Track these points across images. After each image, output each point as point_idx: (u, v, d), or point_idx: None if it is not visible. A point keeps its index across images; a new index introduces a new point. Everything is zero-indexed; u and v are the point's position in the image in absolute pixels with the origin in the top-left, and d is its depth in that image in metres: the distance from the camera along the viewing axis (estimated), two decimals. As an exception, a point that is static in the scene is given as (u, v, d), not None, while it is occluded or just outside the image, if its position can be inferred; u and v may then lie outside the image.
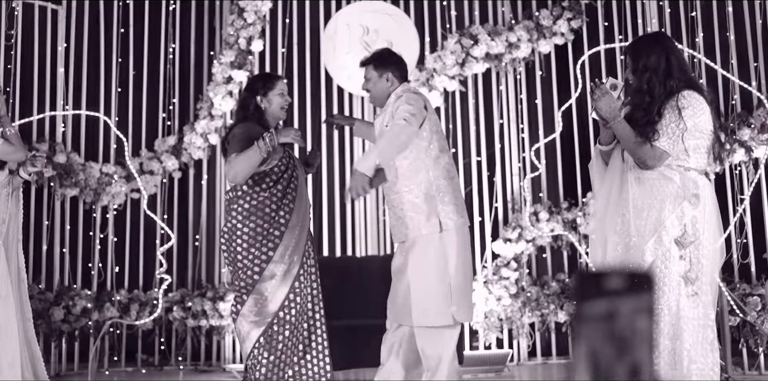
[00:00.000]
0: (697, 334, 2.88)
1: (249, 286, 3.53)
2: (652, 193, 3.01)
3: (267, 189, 3.59)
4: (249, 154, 3.46)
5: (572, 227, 6.24)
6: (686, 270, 2.92)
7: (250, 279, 3.53)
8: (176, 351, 6.04)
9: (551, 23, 6.44)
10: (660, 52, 3.09)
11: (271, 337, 3.50)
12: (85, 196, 5.97)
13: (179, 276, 6.16)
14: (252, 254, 3.54)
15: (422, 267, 3.49)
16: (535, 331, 6.17)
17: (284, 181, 3.63)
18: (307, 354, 3.64)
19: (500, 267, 6.12)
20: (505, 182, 6.41)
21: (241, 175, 3.50)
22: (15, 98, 5.93)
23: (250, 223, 3.55)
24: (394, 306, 3.57)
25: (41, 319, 5.55)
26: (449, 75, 6.33)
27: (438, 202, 3.52)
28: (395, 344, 3.59)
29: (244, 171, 3.49)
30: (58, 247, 5.91)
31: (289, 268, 3.56)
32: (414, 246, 3.52)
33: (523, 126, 6.49)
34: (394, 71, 3.69)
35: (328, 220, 6.27)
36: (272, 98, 3.74)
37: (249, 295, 3.53)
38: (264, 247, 3.54)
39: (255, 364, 3.51)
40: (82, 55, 6.22)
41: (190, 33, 6.50)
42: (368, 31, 6.37)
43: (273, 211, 3.58)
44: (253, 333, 3.51)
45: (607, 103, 3.04)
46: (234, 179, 3.52)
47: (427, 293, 3.46)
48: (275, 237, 3.56)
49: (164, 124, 6.34)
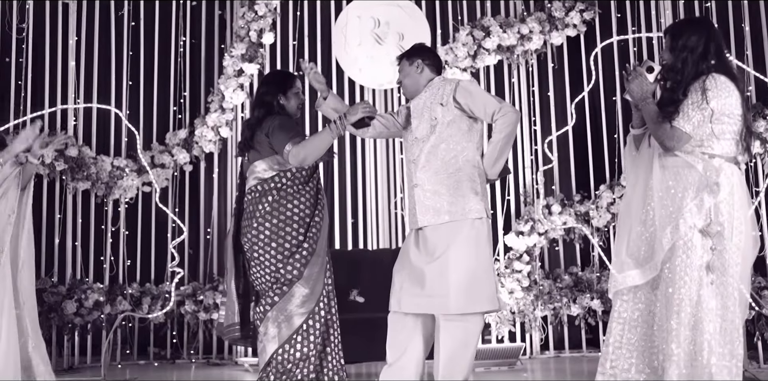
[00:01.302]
0: (716, 324, 2.85)
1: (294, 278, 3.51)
2: (675, 181, 2.97)
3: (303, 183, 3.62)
4: (322, 137, 3.47)
5: (585, 220, 6.22)
6: (710, 260, 2.88)
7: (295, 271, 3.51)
8: (188, 344, 6.05)
9: (563, 15, 6.40)
10: (701, 34, 3.03)
11: (307, 332, 3.49)
12: (96, 189, 5.98)
13: (191, 269, 6.17)
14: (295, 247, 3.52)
15: (473, 248, 3.40)
16: (547, 324, 6.15)
17: (317, 177, 3.68)
18: (327, 347, 3.63)
19: (512, 260, 6.10)
20: (518, 175, 6.38)
21: (311, 157, 3.48)
22: (27, 92, 5.94)
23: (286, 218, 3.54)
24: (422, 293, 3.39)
25: (54, 312, 5.57)
26: (461, 67, 6.30)
27: (482, 188, 3.52)
28: (408, 338, 3.51)
29: (315, 153, 3.48)
30: (70, 241, 5.92)
31: (324, 262, 3.59)
32: (462, 228, 3.41)
33: (536, 118, 6.46)
34: (423, 59, 3.69)
35: (339, 214, 6.26)
36: (290, 96, 3.77)
37: (290, 287, 3.51)
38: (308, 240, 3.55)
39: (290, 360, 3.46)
40: (93, 48, 6.21)
41: (201, 26, 6.49)
42: (379, 23, 6.34)
43: (311, 205, 3.60)
44: (284, 330, 3.49)
45: (638, 85, 3.03)
46: (303, 162, 3.49)
47: (477, 277, 3.37)
48: (316, 230, 3.58)
49: (175, 117, 6.34)
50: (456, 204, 3.43)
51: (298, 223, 3.55)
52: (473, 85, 3.59)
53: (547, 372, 5.46)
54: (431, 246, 3.45)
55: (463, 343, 3.41)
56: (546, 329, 6.16)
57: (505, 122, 3.44)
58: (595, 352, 6.15)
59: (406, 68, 3.71)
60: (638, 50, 6.42)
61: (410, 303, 3.45)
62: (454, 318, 3.39)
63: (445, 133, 3.50)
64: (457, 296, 3.34)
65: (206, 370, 5.68)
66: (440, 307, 3.37)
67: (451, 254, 3.38)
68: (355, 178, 6.32)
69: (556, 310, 6.09)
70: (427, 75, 3.69)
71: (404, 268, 3.53)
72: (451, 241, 3.40)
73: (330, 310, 3.65)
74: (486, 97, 3.51)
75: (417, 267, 3.46)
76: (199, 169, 6.32)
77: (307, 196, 3.61)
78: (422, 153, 3.53)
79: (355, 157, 6.32)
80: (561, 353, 6.18)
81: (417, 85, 3.69)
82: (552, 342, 6.18)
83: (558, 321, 6.13)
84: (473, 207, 3.44)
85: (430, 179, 3.50)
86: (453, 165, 3.48)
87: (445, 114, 3.51)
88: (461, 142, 3.51)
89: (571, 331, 6.21)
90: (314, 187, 3.66)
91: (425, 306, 3.42)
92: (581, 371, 5.40)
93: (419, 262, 3.46)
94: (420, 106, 3.62)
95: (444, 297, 3.35)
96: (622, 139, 6.37)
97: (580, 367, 5.61)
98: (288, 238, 3.53)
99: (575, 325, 6.14)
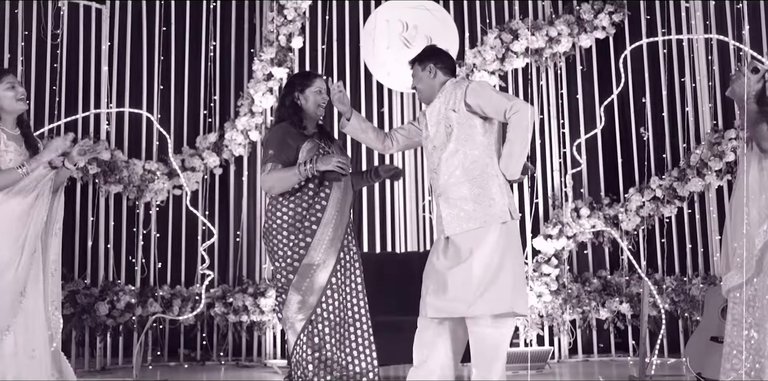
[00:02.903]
0: None
1: (284, 285, 3.59)
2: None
3: (300, 188, 3.64)
4: (287, 176, 3.57)
5: (614, 223, 6.18)
6: None
7: (288, 272, 3.58)
8: (218, 346, 6.10)
9: (592, 17, 6.38)
10: None
11: (312, 333, 3.52)
12: (128, 192, 6.05)
13: (221, 272, 6.22)
14: (288, 249, 3.57)
15: (499, 251, 3.38)
16: (576, 328, 6.12)
17: (316, 179, 3.65)
18: (354, 350, 3.65)
19: (541, 263, 6.08)
20: (546, 178, 6.36)
21: (276, 190, 3.61)
22: (61, 96, 6.02)
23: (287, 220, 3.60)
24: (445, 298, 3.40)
25: (86, 313, 5.64)
26: (489, 70, 6.30)
27: (506, 189, 3.50)
28: (433, 342, 3.51)
29: (280, 188, 3.59)
30: (103, 243, 5.99)
31: (324, 264, 3.58)
32: (488, 233, 3.40)
33: (564, 121, 6.44)
34: (436, 63, 3.67)
35: (367, 217, 6.28)
36: (309, 95, 3.77)
37: (289, 289, 3.57)
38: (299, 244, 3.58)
39: (300, 361, 3.52)
40: (126, 53, 6.29)
41: (230, 31, 6.55)
42: (408, 26, 6.36)
43: (306, 208, 3.62)
44: (297, 325, 3.54)
45: (741, 85, 3.00)
46: (269, 191, 3.65)
47: (501, 280, 3.35)
48: (309, 233, 3.59)
49: (205, 121, 6.40)
50: (480, 210, 3.42)
51: (288, 230, 3.59)
52: (482, 86, 3.55)
53: (576, 376, 5.43)
54: (457, 252, 3.45)
55: (494, 345, 3.40)
56: (574, 333, 6.13)
57: (518, 119, 3.39)
58: (623, 357, 6.11)
59: (419, 73, 3.70)
60: (668, 52, 6.38)
61: (434, 308, 3.45)
62: (480, 322, 3.38)
63: (461, 138, 3.47)
64: (482, 299, 3.33)
65: (235, 372, 5.72)
66: (464, 310, 3.37)
67: (475, 258, 3.37)
68: (383, 181, 6.32)
69: (584, 314, 6.06)
70: (440, 78, 3.67)
71: (430, 273, 3.53)
72: (475, 245, 3.39)
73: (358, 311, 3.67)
74: (496, 96, 3.47)
75: (441, 272, 3.45)
76: (229, 173, 6.37)
77: (297, 202, 3.62)
78: (441, 161, 3.51)
79: (383, 159, 6.34)
80: (590, 357, 6.15)
81: (432, 89, 3.67)
82: (580, 346, 6.15)
83: (586, 325, 6.10)
84: (498, 211, 3.42)
85: (452, 187, 3.48)
86: (473, 170, 3.46)
87: (458, 120, 3.48)
88: (479, 147, 3.48)
89: (600, 335, 6.18)
90: (308, 193, 3.65)
91: (449, 310, 3.41)
92: (610, 375, 5.37)
93: (443, 267, 3.46)
94: (435, 113, 3.60)
95: (467, 301, 3.34)
96: (651, 142, 6.34)
97: (609, 371, 5.58)
98: (280, 246, 3.60)
99: (604, 329, 6.11)
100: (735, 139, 5.89)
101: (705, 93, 6.19)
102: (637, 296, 5.96)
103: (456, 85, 3.59)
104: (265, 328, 6.01)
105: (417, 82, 3.72)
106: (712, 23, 6.25)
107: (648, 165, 6.30)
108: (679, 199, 6.13)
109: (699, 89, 6.21)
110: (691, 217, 6.17)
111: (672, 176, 6.14)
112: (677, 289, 5.96)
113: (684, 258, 6.15)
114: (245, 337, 6.11)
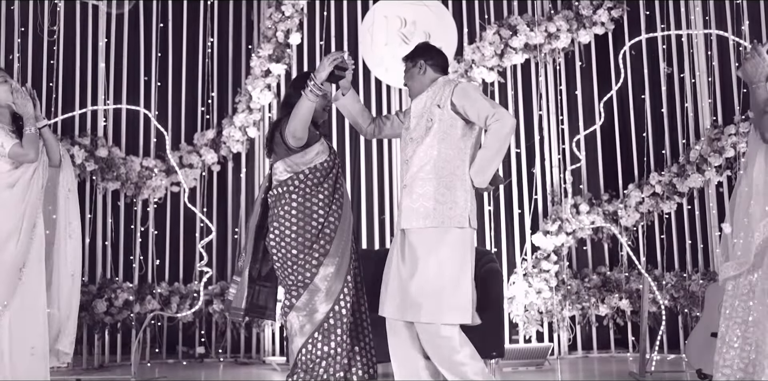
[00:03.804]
0: None
1: (306, 280, 3.53)
2: None
3: (317, 185, 3.60)
4: (300, 104, 3.46)
5: (613, 219, 6.17)
6: None
7: (308, 272, 3.52)
8: (216, 343, 6.09)
9: (591, 13, 6.36)
10: None
11: (328, 331, 3.50)
12: (126, 189, 6.04)
13: (219, 269, 6.21)
14: (309, 248, 3.53)
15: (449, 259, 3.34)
16: (575, 324, 6.11)
17: (333, 177, 3.64)
18: (356, 346, 3.65)
19: (540, 260, 6.07)
20: (545, 174, 6.35)
21: (299, 126, 3.48)
22: (57, 93, 6.01)
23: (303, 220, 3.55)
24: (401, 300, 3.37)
25: (84, 311, 5.63)
26: (488, 66, 6.28)
27: (471, 197, 3.45)
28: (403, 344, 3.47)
29: (300, 123, 3.47)
30: (100, 240, 5.98)
31: (342, 262, 3.57)
32: (444, 236, 3.35)
33: (563, 117, 6.42)
34: (427, 59, 3.62)
35: (366, 213, 6.27)
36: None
37: (305, 289, 3.52)
38: (320, 242, 3.55)
39: (312, 359, 3.49)
40: (123, 49, 6.27)
41: (228, 27, 6.53)
42: (406, 22, 6.34)
43: (324, 206, 3.58)
44: (307, 327, 3.51)
45: (752, 66, 2.94)
46: (294, 133, 3.49)
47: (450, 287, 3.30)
48: (330, 231, 3.57)
49: (203, 117, 6.38)
50: (441, 210, 3.36)
51: (312, 224, 3.55)
52: (471, 88, 3.50)
53: (575, 372, 5.42)
54: (412, 251, 3.40)
55: (449, 349, 3.33)
56: (574, 329, 6.12)
57: (498, 127, 3.32)
58: (623, 353, 6.10)
59: (410, 69, 3.64)
60: (668, 48, 6.36)
61: (390, 307, 3.43)
62: (428, 328, 3.33)
63: (439, 135, 3.42)
64: (429, 305, 3.29)
65: (234, 369, 5.71)
66: (413, 315, 3.33)
67: (430, 262, 3.33)
68: (381, 177, 6.32)
69: (584, 310, 6.05)
70: (430, 75, 3.61)
71: (389, 271, 3.49)
72: (432, 248, 3.34)
73: (358, 309, 3.68)
74: (481, 101, 3.40)
75: (397, 273, 3.43)
76: (226, 169, 6.35)
77: (320, 197, 3.59)
78: (415, 154, 3.46)
79: (382, 155, 6.32)
80: (589, 353, 6.14)
81: (421, 86, 3.61)
82: (580, 342, 6.14)
83: (586, 321, 6.09)
84: (457, 215, 3.36)
85: (419, 181, 3.43)
86: (443, 169, 3.40)
87: (441, 116, 3.43)
88: (454, 148, 3.42)
89: (600, 332, 6.17)
90: (330, 187, 3.63)
91: (401, 312, 3.38)
92: (609, 372, 5.36)
93: (400, 267, 3.42)
94: (420, 106, 3.56)
95: (417, 306, 3.31)
96: (650, 138, 6.32)
97: (609, 367, 5.57)
98: (301, 240, 3.54)
99: (603, 326, 6.10)
100: (735, 135, 5.88)
101: (704, 89, 6.18)
102: (637, 292, 5.95)
103: (446, 82, 3.55)
104: (264, 326, 6.00)
105: (407, 78, 3.68)
106: (712, 19, 6.23)
107: (647, 161, 6.29)
108: (678, 195, 6.12)
109: (698, 85, 6.20)
110: (691, 213, 6.15)
111: (671, 172, 6.12)
112: (677, 285, 5.95)
113: (683, 254, 6.14)
114: (244, 334, 6.10)
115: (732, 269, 2.91)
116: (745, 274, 2.92)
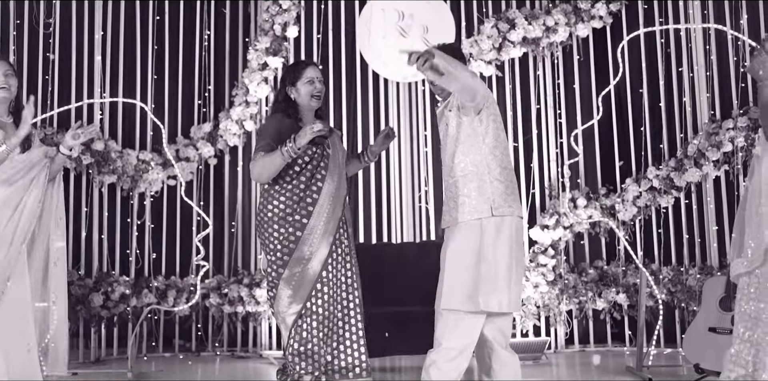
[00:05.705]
0: None
1: (274, 280, 3.57)
2: None
3: (291, 181, 3.62)
4: (271, 159, 3.52)
5: (611, 213, 6.17)
6: None
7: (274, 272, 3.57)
8: (213, 337, 6.09)
9: (589, 6, 6.34)
10: None
11: (300, 327, 3.51)
12: (122, 183, 6.02)
13: (216, 262, 6.20)
14: (278, 242, 3.55)
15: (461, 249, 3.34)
16: (572, 318, 6.12)
17: (308, 172, 3.63)
18: (341, 344, 3.64)
19: (537, 254, 6.06)
20: (543, 168, 6.34)
21: (264, 176, 3.58)
22: (53, 86, 5.99)
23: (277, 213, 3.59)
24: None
25: (81, 304, 5.62)
26: (486, 60, 6.26)
27: (491, 187, 3.44)
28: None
29: (265, 173, 3.56)
30: (97, 234, 5.96)
31: (315, 257, 3.56)
32: (460, 230, 3.38)
33: (561, 111, 6.41)
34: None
35: (363, 207, 6.26)
36: (300, 88, 3.73)
37: (276, 289, 3.57)
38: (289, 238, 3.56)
39: (289, 355, 3.53)
40: (119, 43, 6.24)
41: (225, 20, 6.50)
42: (404, 16, 6.31)
43: (297, 201, 3.60)
44: (288, 319, 3.53)
45: (760, 62, 2.89)
46: (258, 179, 3.62)
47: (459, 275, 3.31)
48: (299, 227, 3.57)
49: (200, 111, 6.36)
50: (461, 206, 3.38)
51: (279, 223, 3.58)
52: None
53: (573, 366, 5.43)
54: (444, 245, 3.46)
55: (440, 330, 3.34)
56: (571, 323, 6.12)
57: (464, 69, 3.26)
58: (620, 347, 6.10)
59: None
60: (666, 42, 6.34)
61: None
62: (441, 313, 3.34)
63: (456, 138, 3.43)
64: (440, 293, 3.32)
65: (231, 363, 5.71)
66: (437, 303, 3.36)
67: (447, 253, 3.37)
68: (379, 171, 6.31)
69: (581, 304, 6.05)
70: None
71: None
72: (449, 239, 3.39)
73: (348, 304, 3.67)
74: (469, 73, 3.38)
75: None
76: (223, 163, 6.34)
77: (288, 195, 3.60)
78: (444, 159, 3.52)
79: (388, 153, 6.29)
80: (586, 347, 6.14)
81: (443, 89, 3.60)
82: (577, 336, 6.15)
83: (583, 315, 6.09)
84: (474, 208, 3.36)
85: (446, 183, 3.49)
86: (463, 169, 3.42)
87: (456, 120, 3.45)
88: (472, 146, 3.42)
89: (597, 326, 6.18)
90: (300, 186, 3.63)
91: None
92: (606, 366, 5.36)
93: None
94: (439, 113, 3.61)
95: (438, 294, 3.35)
96: (648, 132, 6.31)
97: (606, 361, 5.57)
98: (271, 240, 3.58)
99: (600, 320, 6.10)
100: (732, 129, 5.87)
101: (702, 83, 6.16)
102: (634, 286, 5.95)
103: None
104: (261, 319, 6.00)
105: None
106: (710, 13, 6.22)
107: (645, 155, 6.28)
108: (676, 190, 6.12)
109: (696, 79, 6.19)
110: (688, 208, 6.15)
111: (669, 166, 6.11)
112: (674, 280, 5.95)
113: (681, 248, 6.14)
114: (240, 327, 6.09)
115: (743, 266, 2.92)
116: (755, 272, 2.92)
